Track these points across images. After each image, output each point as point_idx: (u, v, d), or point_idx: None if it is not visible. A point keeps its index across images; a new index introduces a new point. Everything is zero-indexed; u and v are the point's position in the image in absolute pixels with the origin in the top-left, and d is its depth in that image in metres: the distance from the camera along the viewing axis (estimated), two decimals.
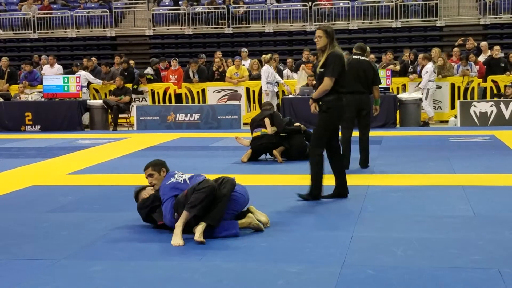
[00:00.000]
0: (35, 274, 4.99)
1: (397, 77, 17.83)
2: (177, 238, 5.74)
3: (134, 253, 5.51)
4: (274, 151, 10.59)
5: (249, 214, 6.19)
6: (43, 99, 17.49)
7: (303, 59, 18.57)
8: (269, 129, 10.66)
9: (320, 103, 7.52)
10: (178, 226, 5.81)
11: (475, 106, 16.07)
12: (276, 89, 17.03)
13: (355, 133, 9.75)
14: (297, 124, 11.05)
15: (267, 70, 16.83)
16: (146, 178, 6.38)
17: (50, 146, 13.77)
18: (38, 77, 19.08)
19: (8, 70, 19.21)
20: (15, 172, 10.23)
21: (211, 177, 8.56)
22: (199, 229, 5.76)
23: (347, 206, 7.22)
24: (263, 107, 11.63)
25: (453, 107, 17.26)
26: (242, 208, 6.24)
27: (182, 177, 6.25)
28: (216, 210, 5.85)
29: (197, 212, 5.80)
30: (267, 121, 10.73)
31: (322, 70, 7.45)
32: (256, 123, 10.87)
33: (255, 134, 10.76)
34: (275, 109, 16.38)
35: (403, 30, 23.41)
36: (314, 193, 7.48)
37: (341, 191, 7.67)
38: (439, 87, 17.15)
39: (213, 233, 5.89)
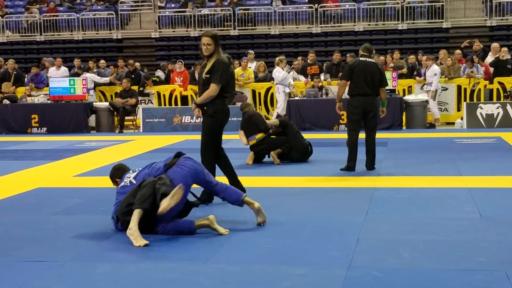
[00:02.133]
0: (40, 276, 4.99)
1: (404, 79, 17.81)
2: (137, 240, 5.73)
3: (139, 255, 5.50)
4: (272, 153, 10.63)
5: (209, 217, 6.14)
6: (49, 101, 17.53)
7: (308, 61, 18.54)
8: (244, 141, 10.84)
9: (205, 108, 7.58)
10: (132, 228, 5.79)
11: (481, 108, 16.03)
12: (287, 90, 17.02)
13: (362, 135, 9.73)
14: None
15: (278, 72, 16.89)
16: None
17: (56, 148, 13.79)
18: (44, 80, 19.13)
19: (15, 72, 19.26)
20: (21, 174, 10.25)
21: (218, 179, 8.55)
22: (132, 222, 5.77)
23: (353, 208, 7.20)
24: (240, 110, 11.38)
25: (459, 109, 17.22)
26: (192, 171, 6.17)
27: (129, 178, 6.35)
28: (139, 195, 5.87)
29: (148, 206, 5.83)
30: (240, 134, 10.95)
31: (208, 76, 7.46)
32: (245, 132, 10.86)
33: (251, 142, 10.77)
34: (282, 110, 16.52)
35: (409, 32, 23.36)
36: (204, 197, 7.25)
37: (239, 187, 7.46)
38: (445, 89, 17.11)
39: (165, 229, 5.99)
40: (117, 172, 6.62)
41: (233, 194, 6.44)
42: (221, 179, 7.04)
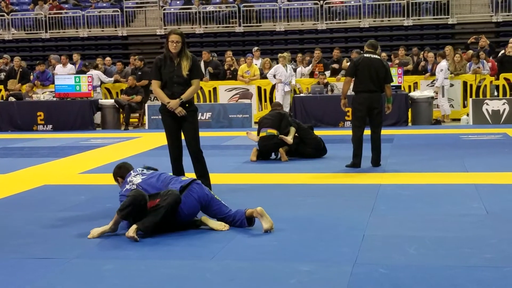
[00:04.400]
0: (47, 273, 5.00)
1: (409, 75, 17.77)
2: (94, 231, 6.04)
3: (146, 252, 5.51)
4: (280, 149, 10.62)
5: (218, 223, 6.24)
6: (55, 99, 17.56)
7: (314, 58, 18.50)
8: (255, 138, 10.90)
9: (187, 105, 7.59)
10: (108, 225, 6.05)
11: (487, 104, 16.01)
12: (287, 88, 16.98)
13: (367, 132, 9.71)
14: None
15: (275, 68, 16.98)
16: None
17: (62, 145, 13.81)
18: (50, 77, 19.15)
19: (21, 70, 19.29)
20: (27, 171, 10.27)
21: (222, 176, 8.58)
22: (132, 229, 5.85)
23: (359, 204, 7.19)
24: (272, 107, 11.67)
25: (465, 105, 17.19)
26: (195, 211, 6.22)
27: (133, 181, 6.32)
28: (149, 218, 5.93)
29: (123, 217, 5.99)
30: (249, 133, 11.21)
31: (188, 73, 7.50)
32: (263, 123, 10.87)
33: (261, 134, 10.76)
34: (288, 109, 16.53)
35: (414, 28, 23.32)
36: None
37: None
38: (451, 85, 17.08)
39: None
40: (120, 170, 6.58)
41: (237, 214, 6.29)
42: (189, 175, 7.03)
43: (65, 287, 4.68)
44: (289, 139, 10.59)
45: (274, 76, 16.98)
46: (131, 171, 6.52)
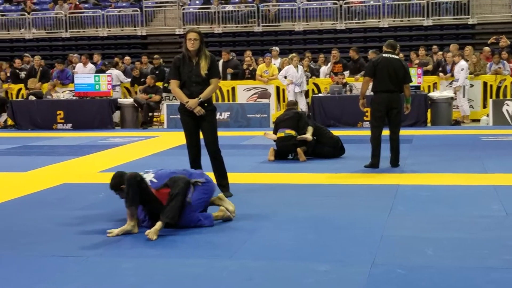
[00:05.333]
0: (66, 271, 5.04)
1: (429, 76, 17.68)
2: (115, 230, 6.05)
3: (164, 251, 5.53)
4: (298, 149, 10.60)
5: (221, 208, 6.45)
6: (74, 98, 17.66)
7: (332, 58, 18.39)
8: (273, 137, 10.94)
9: (206, 104, 7.58)
10: (126, 224, 6.09)
11: (507, 105, 15.89)
12: (297, 90, 16.91)
13: (386, 132, 9.68)
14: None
15: (286, 69, 16.98)
16: None
17: (81, 144, 13.89)
18: (69, 76, 19.26)
19: (41, 68, 19.42)
20: (47, 169, 10.35)
21: (240, 176, 8.60)
22: (156, 227, 5.91)
23: (377, 205, 7.17)
24: (287, 106, 11.68)
25: (485, 106, 17.08)
26: (211, 196, 6.43)
27: (145, 178, 6.33)
28: (169, 207, 6.01)
29: (131, 203, 6.06)
30: (267, 133, 11.27)
31: (207, 72, 7.49)
32: (281, 124, 10.87)
33: (279, 134, 10.76)
34: (305, 108, 16.52)
35: (434, 28, 23.19)
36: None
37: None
38: (471, 86, 16.97)
39: (189, 223, 6.17)
40: (122, 179, 6.31)
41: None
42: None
43: (83, 285, 4.71)
44: (309, 136, 10.60)
45: (285, 77, 16.96)
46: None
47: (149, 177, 6.34)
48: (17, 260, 5.35)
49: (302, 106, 16.69)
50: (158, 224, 5.93)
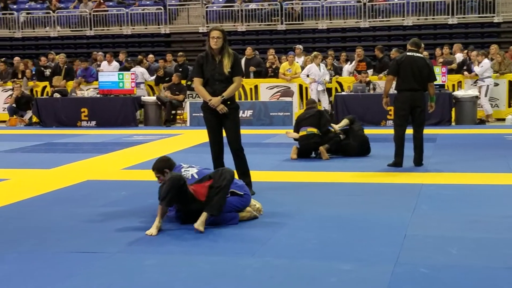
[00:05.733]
0: (89, 267, 5.08)
1: (453, 74, 17.55)
2: (152, 229, 6.01)
3: (188, 248, 5.55)
4: (321, 148, 10.58)
5: (248, 208, 6.47)
6: (98, 95, 17.78)
7: (356, 56, 18.33)
8: (295, 135, 10.96)
9: (229, 102, 7.57)
10: (157, 219, 6.08)
11: None
12: (320, 88, 16.88)
13: (409, 131, 9.63)
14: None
15: (308, 67, 16.94)
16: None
17: (105, 141, 13.99)
18: (94, 74, 19.40)
19: (65, 66, 19.57)
20: (71, 166, 10.43)
21: (263, 174, 8.60)
22: (201, 219, 6.00)
23: (400, 204, 7.14)
24: (307, 105, 11.66)
25: (510, 105, 16.92)
26: (243, 209, 6.45)
27: (188, 171, 6.46)
28: (215, 200, 6.09)
29: (168, 204, 6.12)
30: (289, 131, 11.27)
31: (230, 70, 7.48)
32: (302, 123, 10.85)
33: (301, 133, 10.74)
34: (328, 106, 16.48)
35: (459, 27, 23.00)
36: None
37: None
38: (496, 85, 16.82)
39: (215, 222, 6.19)
40: (167, 163, 6.60)
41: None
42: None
43: (107, 281, 4.75)
44: (336, 126, 10.65)
45: (308, 75, 16.93)
46: (181, 163, 6.65)
47: (192, 171, 6.47)
48: (44, 256, 5.40)
49: (325, 104, 16.66)
50: (204, 215, 6.03)
